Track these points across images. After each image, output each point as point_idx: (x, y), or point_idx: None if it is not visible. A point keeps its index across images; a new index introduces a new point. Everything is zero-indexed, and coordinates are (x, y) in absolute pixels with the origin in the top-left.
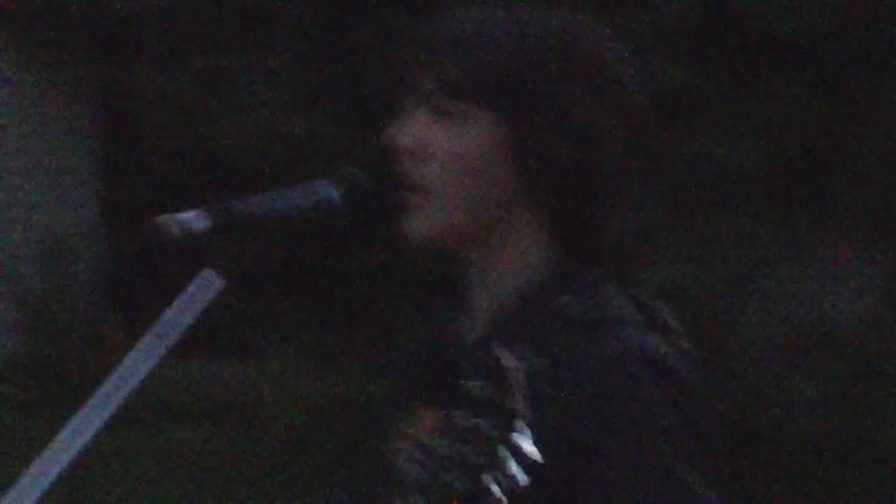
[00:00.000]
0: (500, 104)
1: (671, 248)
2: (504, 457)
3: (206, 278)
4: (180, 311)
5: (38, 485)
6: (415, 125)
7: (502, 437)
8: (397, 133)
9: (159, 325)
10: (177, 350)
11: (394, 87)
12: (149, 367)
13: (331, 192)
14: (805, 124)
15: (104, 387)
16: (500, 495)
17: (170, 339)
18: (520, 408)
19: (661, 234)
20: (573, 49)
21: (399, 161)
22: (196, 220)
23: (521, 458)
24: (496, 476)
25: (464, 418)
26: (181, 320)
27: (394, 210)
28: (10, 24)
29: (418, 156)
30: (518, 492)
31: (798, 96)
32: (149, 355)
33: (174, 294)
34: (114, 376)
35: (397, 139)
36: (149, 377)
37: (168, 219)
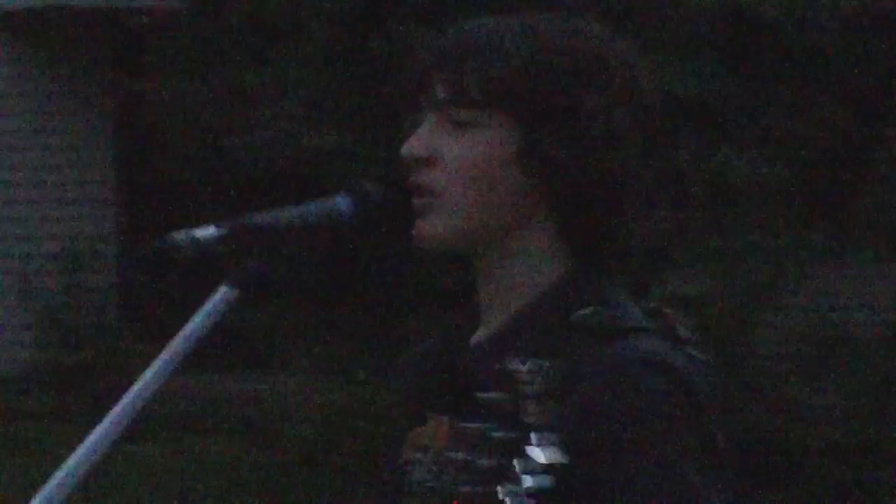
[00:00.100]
0: (513, 112)
1: (693, 257)
2: (518, 469)
3: (223, 293)
4: (195, 323)
5: (58, 496)
6: (428, 134)
7: (517, 449)
8: (411, 141)
9: (177, 340)
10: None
11: (409, 97)
12: (163, 381)
13: (342, 205)
14: (827, 136)
15: (123, 401)
16: None
17: (185, 352)
18: (534, 420)
19: (683, 243)
20: (586, 56)
21: (412, 170)
22: (208, 234)
23: (534, 470)
24: (510, 488)
25: (478, 429)
26: (194, 333)
27: (406, 217)
28: (28, 37)
29: (431, 164)
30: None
31: (820, 108)
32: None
33: (189, 306)
34: (133, 390)
35: (411, 148)
36: (164, 390)
37: (181, 234)
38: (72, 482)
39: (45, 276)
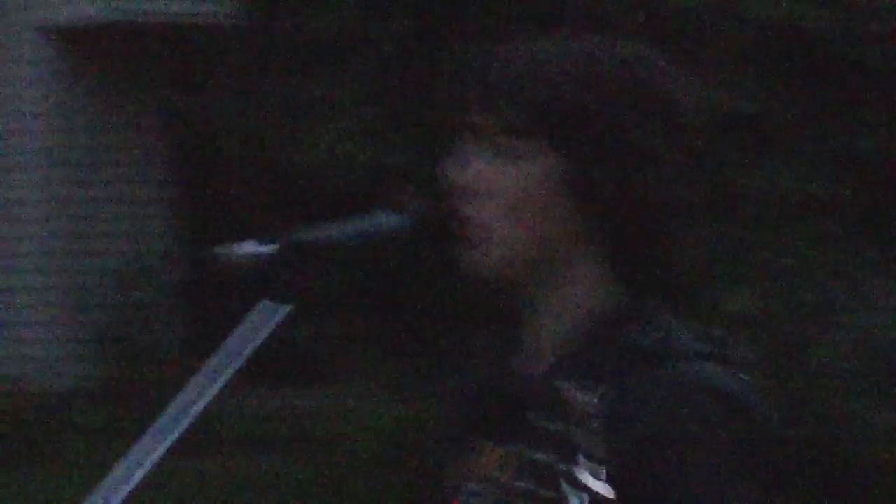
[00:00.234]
0: (559, 141)
1: (749, 275)
2: (567, 492)
3: (267, 307)
4: (240, 339)
5: None
6: (473, 163)
7: (565, 472)
8: (455, 171)
9: (219, 353)
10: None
11: (454, 123)
12: (208, 395)
13: (394, 221)
14: (882, 152)
15: (165, 414)
16: None
17: (230, 368)
18: (583, 443)
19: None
20: (632, 81)
21: (457, 198)
22: (257, 248)
23: (583, 493)
24: None
25: (528, 453)
26: (240, 348)
27: (453, 244)
28: (86, 53)
29: (476, 194)
30: None
31: (874, 123)
32: (208, 383)
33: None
34: (174, 404)
35: (455, 177)
36: (209, 405)
37: (230, 248)
38: (116, 498)
39: (101, 291)
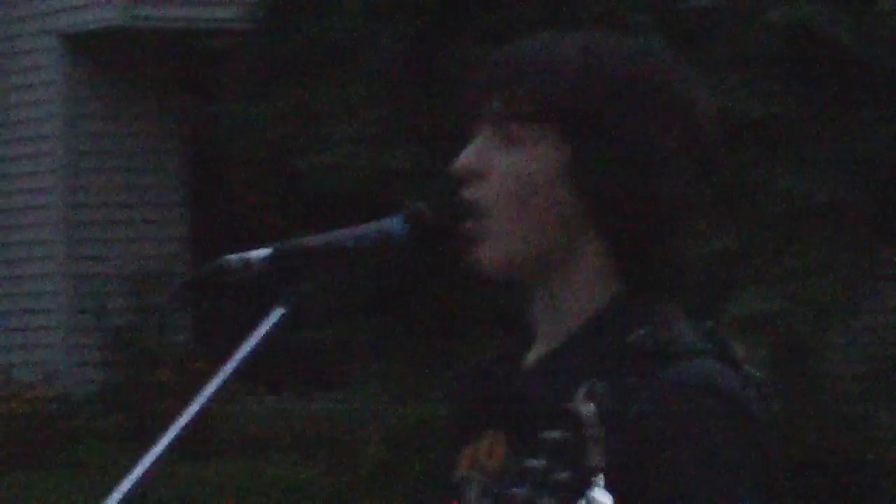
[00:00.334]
0: (565, 128)
1: (765, 277)
2: (566, 501)
3: (277, 314)
4: (252, 346)
5: None
6: (479, 147)
7: (564, 480)
8: (462, 156)
9: (231, 363)
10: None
11: (465, 114)
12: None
13: (395, 226)
14: (893, 155)
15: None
16: None
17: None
18: (596, 462)
19: (754, 263)
20: (640, 74)
21: (462, 183)
22: (259, 257)
23: (582, 501)
24: None
25: (540, 468)
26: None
27: (460, 241)
28: (100, 58)
29: (479, 176)
30: None
31: (890, 127)
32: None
33: (250, 327)
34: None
35: (462, 160)
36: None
37: (234, 257)
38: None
39: (117, 297)
